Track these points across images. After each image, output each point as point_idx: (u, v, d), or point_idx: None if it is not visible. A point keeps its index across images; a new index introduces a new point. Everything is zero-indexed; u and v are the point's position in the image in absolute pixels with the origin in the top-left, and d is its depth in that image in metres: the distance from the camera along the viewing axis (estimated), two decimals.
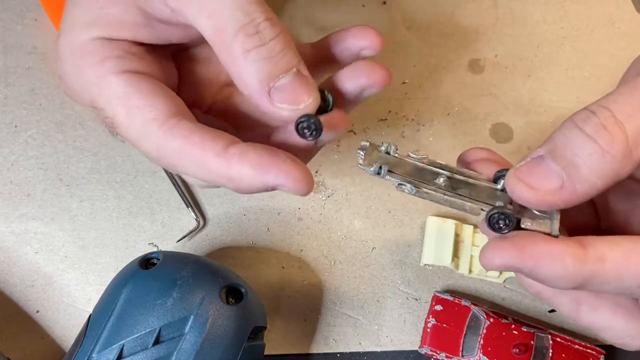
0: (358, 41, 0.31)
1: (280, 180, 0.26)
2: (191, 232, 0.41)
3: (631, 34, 0.47)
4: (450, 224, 0.40)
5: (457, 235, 0.40)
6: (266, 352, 0.36)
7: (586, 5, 0.48)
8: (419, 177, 0.27)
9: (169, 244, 0.40)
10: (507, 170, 0.27)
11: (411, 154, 0.28)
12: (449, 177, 0.27)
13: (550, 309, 0.41)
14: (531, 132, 0.44)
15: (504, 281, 0.41)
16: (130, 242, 0.40)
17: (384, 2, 0.46)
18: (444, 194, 0.27)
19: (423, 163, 0.28)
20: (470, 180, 0.28)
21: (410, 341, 0.40)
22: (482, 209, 0.27)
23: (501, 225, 0.26)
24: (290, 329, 0.40)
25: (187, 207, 0.41)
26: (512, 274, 0.40)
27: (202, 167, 0.27)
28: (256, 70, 0.26)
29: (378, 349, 0.40)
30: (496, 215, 0.26)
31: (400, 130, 0.44)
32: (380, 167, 0.27)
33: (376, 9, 0.46)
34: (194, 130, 0.27)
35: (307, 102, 0.27)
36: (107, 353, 0.31)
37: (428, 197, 0.28)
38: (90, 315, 0.34)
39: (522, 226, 0.26)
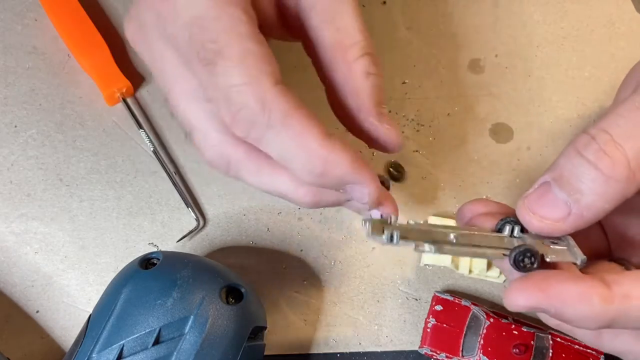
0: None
1: (367, 181, 0.28)
2: (191, 232, 0.41)
3: (631, 34, 0.47)
4: (451, 224, 0.40)
5: None
6: (266, 352, 0.36)
7: (586, 5, 0.48)
8: (430, 237, 0.27)
9: (169, 244, 0.40)
10: (508, 217, 0.28)
11: (410, 221, 0.28)
12: (456, 235, 0.27)
13: None
14: (531, 132, 0.44)
15: (504, 281, 0.41)
16: (130, 242, 0.40)
17: (384, 2, 0.46)
18: (463, 247, 0.27)
19: (425, 227, 0.28)
20: (477, 233, 0.28)
21: (410, 341, 0.40)
22: (503, 254, 0.27)
23: (527, 264, 0.26)
24: (290, 329, 0.40)
25: (187, 207, 0.41)
26: None
27: (301, 142, 0.27)
28: (373, 92, 0.30)
29: (378, 349, 0.40)
30: (520, 254, 0.26)
31: (400, 130, 0.44)
32: (392, 235, 0.26)
33: (376, 9, 0.46)
34: (301, 104, 0.27)
35: (400, 136, 0.31)
36: (107, 353, 0.31)
37: (450, 252, 0.27)
38: (90, 315, 0.34)
39: (547, 259, 0.26)
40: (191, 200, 0.41)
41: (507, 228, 0.28)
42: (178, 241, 0.40)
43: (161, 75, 0.31)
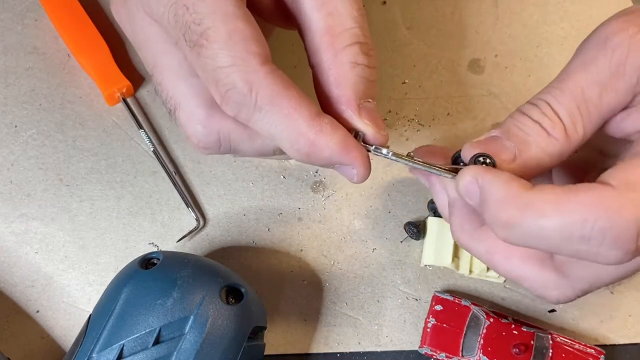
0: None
1: (356, 163, 0.28)
2: (191, 232, 0.41)
3: None
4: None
5: None
6: (266, 352, 0.36)
7: (586, 5, 0.48)
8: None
9: (169, 244, 0.40)
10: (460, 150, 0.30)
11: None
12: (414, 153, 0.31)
13: (550, 309, 0.41)
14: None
15: (505, 281, 0.41)
16: (130, 242, 0.40)
17: (384, 2, 0.46)
18: (418, 161, 0.30)
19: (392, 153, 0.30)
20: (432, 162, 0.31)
21: (410, 341, 0.40)
22: (453, 174, 0.30)
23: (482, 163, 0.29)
24: (290, 329, 0.40)
25: (187, 207, 0.41)
26: None
27: (289, 122, 0.27)
28: (355, 83, 0.29)
29: (378, 349, 0.40)
30: (480, 155, 0.29)
31: (401, 130, 0.44)
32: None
33: (376, 9, 0.46)
34: (291, 84, 0.27)
35: (384, 132, 0.30)
36: (107, 353, 0.31)
37: (402, 161, 0.30)
38: (90, 315, 0.34)
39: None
40: (191, 200, 0.41)
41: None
42: (178, 241, 0.40)
43: (146, 52, 0.31)
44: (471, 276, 0.40)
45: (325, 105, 0.30)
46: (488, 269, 0.40)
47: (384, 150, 0.29)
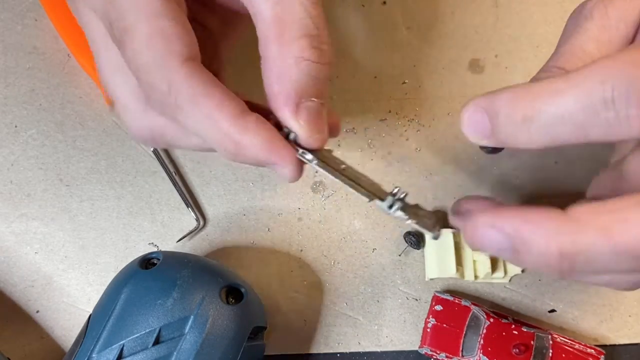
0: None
1: (283, 163, 0.27)
2: (191, 232, 0.41)
3: None
4: (448, 234, 0.40)
5: (456, 243, 0.40)
6: (266, 352, 0.36)
7: None
8: (325, 160, 0.29)
9: (169, 244, 0.40)
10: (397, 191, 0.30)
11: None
12: (347, 167, 0.30)
13: (550, 309, 0.41)
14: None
15: (510, 280, 0.41)
16: (130, 242, 0.40)
17: (384, 2, 0.46)
18: (343, 177, 0.30)
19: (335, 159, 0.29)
20: (366, 178, 0.30)
21: (410, 341, 0.40)
22: (379, 198, 0.30)
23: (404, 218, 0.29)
24: (290, 329, 0.40)
25: (187, 207, 0.41)
26: (518, 271, 0.40)
27: (212, 122, 0.26)
28: (298, 80, 0.26)
29: (378, 349, 0.40)
30: (405, 207, 0.29)
31: (400, 131, 0.44)
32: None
33: (376, 9, 0.46)
34: (215, 82, 0.26)
35: (324, 134, 0.28)
36: (107, 353, 0.31)
37: (326, 172, 0.29)
38: (90, 315, 0.34)
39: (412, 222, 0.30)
40: (191, 200, 0.41)
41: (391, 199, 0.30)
42: (178, 241, 0.40)
43: (90, 43, 0.30)
44: (477, 281, 0.40)
45: (269, 101, 0.28)
46: (492, 271, 0.39)
47: (308, 156, 0.28)
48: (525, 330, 0.38)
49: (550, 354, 0.37)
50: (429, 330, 0.38)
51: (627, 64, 0.22)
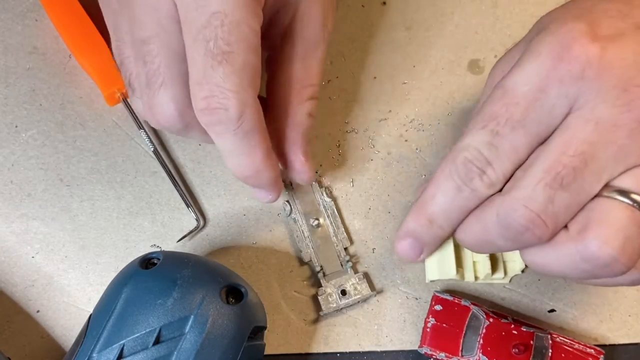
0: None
1: (276, 194, 0.36)
2: (191, 232, 0.41)
3: None
4: None
5: (456, 245, 0.40)
6: (266, 352, 0.36)
7: None
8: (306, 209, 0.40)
9: (169, 244, 0.41)
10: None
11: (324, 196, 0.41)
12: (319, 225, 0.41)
13: (549, 308, 0.41)
14: None
15: (510, 280, 0.41)
16: (130, 242, 0.41)
17: (384, 2, 0.46)
18: (303, 234, 0.40)
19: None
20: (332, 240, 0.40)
21: (410, 341, 0.40)
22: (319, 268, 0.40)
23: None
24: (290, 329, 0.40)
25: (188, 207, 0.41)
26: (518, 272, 0.40)
27: (249, 155, 0.32)
28: (307, 132, 0.36)
29: (378, 349, 0.40)
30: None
31: (401, 131, 0.44)
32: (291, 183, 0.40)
33: (376, 9, 0.46)
34: (263, 120, 0.32)
35: (311, 176, 0.38)
36: (108, 353, 0.31)
37: (292, 224, 0.40)
38: (90, 315, 0.34)
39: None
40: (191, 200, 0.41)
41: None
42: (178, 241, 0.40)
43: (144, 15, 0.31)
44: (478, 282, 0.40)
45: (276, 135, 0.35)
46: (492, 272, 0.39)
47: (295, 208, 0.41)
48: (524, 330, 0.38)
49: (550, 354, 0.37)
50: (428, 330, 0.38)
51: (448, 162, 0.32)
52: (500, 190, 0.31)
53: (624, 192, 0.29)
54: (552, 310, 0.41)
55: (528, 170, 0.30)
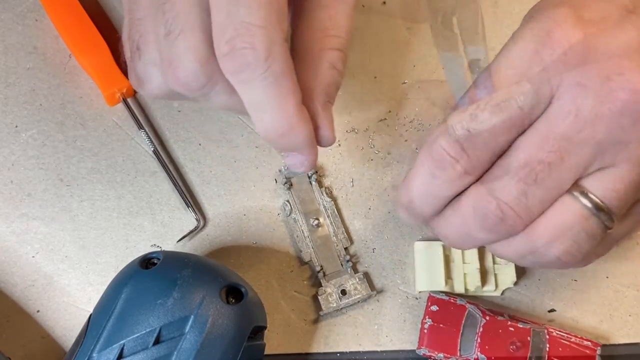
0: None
1: (313, 155, 0.30)
2: (191, 232, 0.41)
3: None
4: (437, 246, 0.40)
5: (446, 256, 0.40)
6: (266, 352, 0.36)
7: None
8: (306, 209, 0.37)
9: (169, 244, 0.41)
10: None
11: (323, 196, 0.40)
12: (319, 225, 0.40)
13: (549, 308, 0.41)
14: None
15: (502, 293, 0.41)
16: (130, 242, 0.41)
17: (384, 2, 0.47)
18: (303, 233, 0.40)
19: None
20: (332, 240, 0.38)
21: (410, 340, 0.40)
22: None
23: None
24: (290, 329, 0.40)
25: (188, 207, 0.41)
26: (510, 285, 0.40)
27: (281, 101, 0.27)
28: (328, 83, 0.30)
29: (378, 349, 0.40)
30: None
31: (401, 131, 0.44)
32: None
33: (376, 9, 0.46)
34: (293, 69, 0.27)
35: (333, 136, 0.31)
36: (108, 353, 0.31)
37: (292, 224, 0.39)
38: (90, 315, 0.34)
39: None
40: (191, 200, 0.41)
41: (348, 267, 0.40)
42: (178, 241, 0.41)
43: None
44: (468, 294, 0.40)
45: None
46: (483, 284, 0.39)
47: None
48: (521, 326, 0.38)
49: (547, 349, 0.38)
50: (425, 331, 0.38)
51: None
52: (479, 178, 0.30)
53: (586, 195, 0.28)
54: (552, 310, 0.41)
55: (504, 162, 0.29)
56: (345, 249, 0.41)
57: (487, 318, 0.38)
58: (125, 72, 0.42)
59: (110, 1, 0.46)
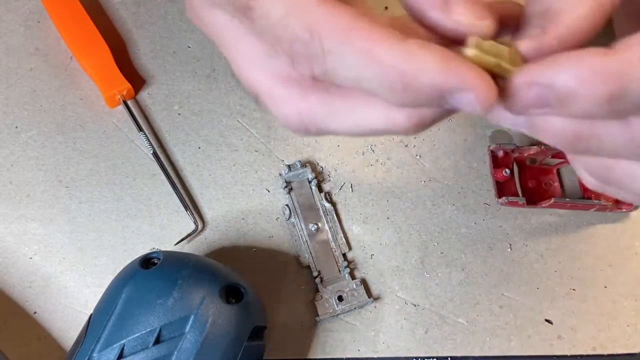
0: None
1: (467, 83, 0.22)
2: (190, 235, 0.42)
3: None
4: None
5: None
6: (264, 358, 0.37)
7: None
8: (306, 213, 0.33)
9: (168, 247, 0.42)
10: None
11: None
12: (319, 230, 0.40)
13: (547, 317, 0.42)
14: (530, 138, 0.46)
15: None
16: (128, 244, 0.42)
17: (386, 8, 0.48)
18: (302, 238, 0.39)
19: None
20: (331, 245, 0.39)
21: (407, 348, 0.41)
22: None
23: None
24: (288, 335, 0.41)
25: (186, 210, 0.42)
26: None
27: (369, 58, 0.22)
28: None
29: (375, 355, 0.41)
30: None
31: (401, 136, 0.45)
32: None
33: (378, 14, 0.48)
34: (359, 13, 0.23)
35: (488, 20, 0.24)
36: (108, 352, 0.32)
37: (291, 229, 0.40)
38: (91, 315, 0.35)
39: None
40: (190, 203, 0.43)
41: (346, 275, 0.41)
42: (176, 244, 0.42)
43: (219, 43, 0.30)
44: None
45: (417, 15, 0.25)
46: None
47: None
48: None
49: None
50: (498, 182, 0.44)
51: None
52: None
53: None
54: (548, 321, 0.42)
55: None
56: (344, 254, 0.42)
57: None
58: None
59: (112, 4, 0.47)
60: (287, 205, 0.42)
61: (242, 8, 0.25)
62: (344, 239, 0.42)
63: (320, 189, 0.43)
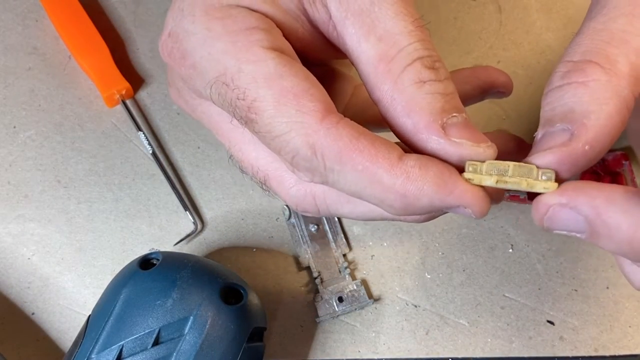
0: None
1: (464, 200, 0.24)
2: (189, 235, 0.42)
3: None
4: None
5: None
6: (263, 359, 0.37)
7: None
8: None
9: (167, 248, 0.42)
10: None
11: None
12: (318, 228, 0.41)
13: (549, 319, 0.42)
14: (532, 141, 0.46)
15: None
16: (127, 245, 0.42)
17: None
18: (302, 239, 0.41)
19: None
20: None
21: (408, 349, 0.41)
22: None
23: None
24: (287, 336, 0.41)
25: (185, 210, 0.43)
26: None
27: (368, 179, 0.24)
28: (429, 103, 0.24)
29: (375, 356, 0.41)
30: None
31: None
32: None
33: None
34: (361, 132, 0.24)
35: (488, 144, 0.25)
36: (107, 354, 0.32)
37: (291, 229, 0.40)
38: (89, 316, 0.35)
39: None
40: (189, 204, 0.43)
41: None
42: (175, 245, 0.42)
43: (216, 133, 0.30)
44: None
45: (408, 143, 0.26)
46: None
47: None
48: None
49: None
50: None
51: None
52: None
53: None
54: (551, 322, 0.42)
55: None
56: (344, 255, 0.43)
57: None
58: None
59: (111, 3, 0.47)
60: (286, 205, 0.43)
61: (242, 118, 0.26)
62: (344, 240, 0.43)
63: None
